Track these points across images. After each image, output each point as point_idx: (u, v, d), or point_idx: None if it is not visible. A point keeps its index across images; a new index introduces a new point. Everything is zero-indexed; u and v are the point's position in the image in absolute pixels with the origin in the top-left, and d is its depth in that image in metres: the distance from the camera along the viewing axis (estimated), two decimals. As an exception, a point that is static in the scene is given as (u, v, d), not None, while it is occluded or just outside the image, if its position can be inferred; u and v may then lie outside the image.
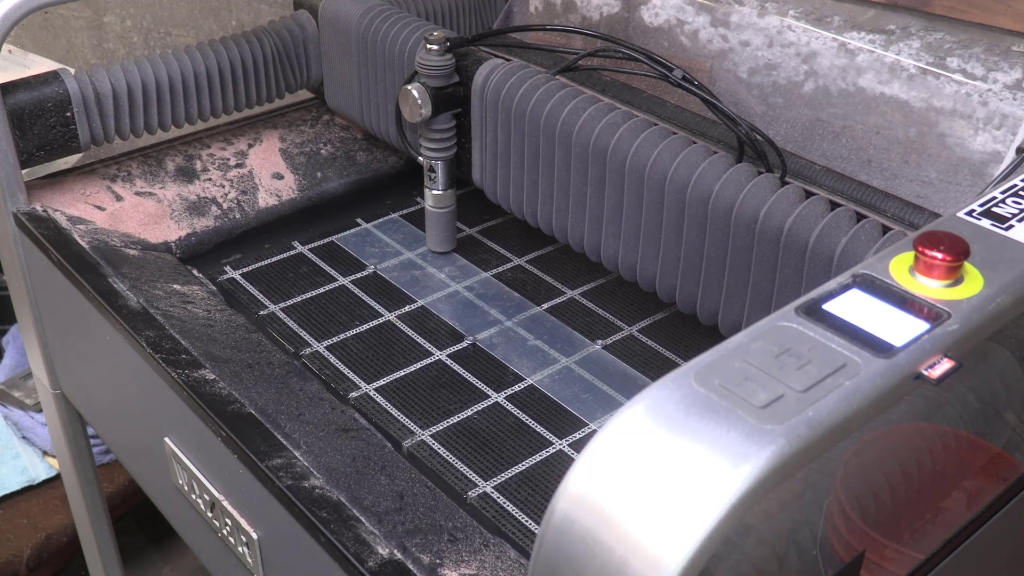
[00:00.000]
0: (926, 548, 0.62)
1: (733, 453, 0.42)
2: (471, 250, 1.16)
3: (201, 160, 1.21)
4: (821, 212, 0.82)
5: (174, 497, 0.98)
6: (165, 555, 1.79)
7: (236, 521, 0.86)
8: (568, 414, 0.93)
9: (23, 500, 1.58)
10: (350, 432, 0.84)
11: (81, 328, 1.07)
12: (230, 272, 1.12)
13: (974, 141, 0.90)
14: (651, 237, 0.93)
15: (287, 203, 1.20)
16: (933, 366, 0.48)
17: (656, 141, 0.91)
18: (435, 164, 1.10)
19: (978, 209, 0.58)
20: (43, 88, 1.07)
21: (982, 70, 0.90)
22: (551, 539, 0.44)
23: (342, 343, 1.01)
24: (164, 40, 2.14)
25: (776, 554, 0.49)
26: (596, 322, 1.05)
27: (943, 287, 0.52)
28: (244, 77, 1.20)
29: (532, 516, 0.83)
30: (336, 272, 1.12)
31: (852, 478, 0.52)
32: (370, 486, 0.78)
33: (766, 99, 1.04)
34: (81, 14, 2.24)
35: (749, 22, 1.05)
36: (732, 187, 0.86)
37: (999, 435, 0.66)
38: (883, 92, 0.95)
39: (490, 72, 1.03)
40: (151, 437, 0.98)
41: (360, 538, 0.73)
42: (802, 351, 0.47)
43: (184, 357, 0.90)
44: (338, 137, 1.29)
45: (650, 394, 0.45)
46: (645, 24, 1.14)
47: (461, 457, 0.88)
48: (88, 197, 1.13)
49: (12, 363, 1.75)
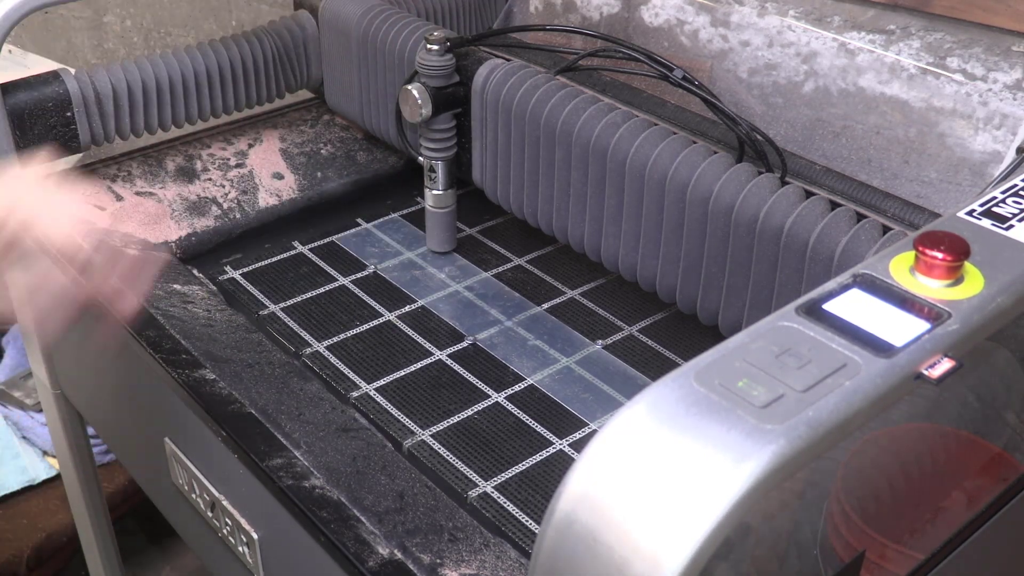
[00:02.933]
0: (926, 548, 0.62)
1: (733, 453, 0.42)
2: (471, 250, 1.16)
3: (201, 160, 1.21)
4: (821, 212, 0.82)
5: (174, 497, 0.98)
6: (165, 555, 1.79)
7: (236, 521, 0.86)
8: (568, 414, 0.93)
9: (23, 500, 1.58)
10: (350, 432, 0.84)
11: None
12: (230, 272, 1.12)
13: (974, 141, 0.90)
14: (651, 237, 0.93)
15: (287, 203, 1.20)
16: (933, 366, 0.48)
17: (656, 141, 0.91)
18: (435, 164, 1.09)
19: (978, 209, 0.58)
20: (43, 88, 1.07)
21: (982, 70, 0.90)
22: (551, 539, 0.44)
23: (342, 343, 1.01)
24: (164, 40, 2.14)
25: (776, 554, 0.49)
26: (596, 322, 1.05)
27: (943, 287, 0.52)
28: (244, 77, 1.20)
29: (532, 516, 0.83)
30: (336, 272, 1.12)
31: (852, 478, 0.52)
32: (370, 486, 0.78)
33: (766, 99, 1.04)
34: (81, 14, 2.24)
35: (749, 22, 1.05)
36: (732, 187, 0.86)
37: (999, 435, 0.66)
38: (883, 92, 0.95)
39: (490, 72, 1.03)
40: (151, 437, 0.98)
41: (360, 538, 0.73)
42: (802, 351, 0.47)
43: (184, 357, 0.90)
44: (338, 137, 1.29)
45: (651, 394, 0.45)
46: (645, 24, 1.14)
47: (461, 457, 0.88)
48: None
49: (12, 363, 1.75)
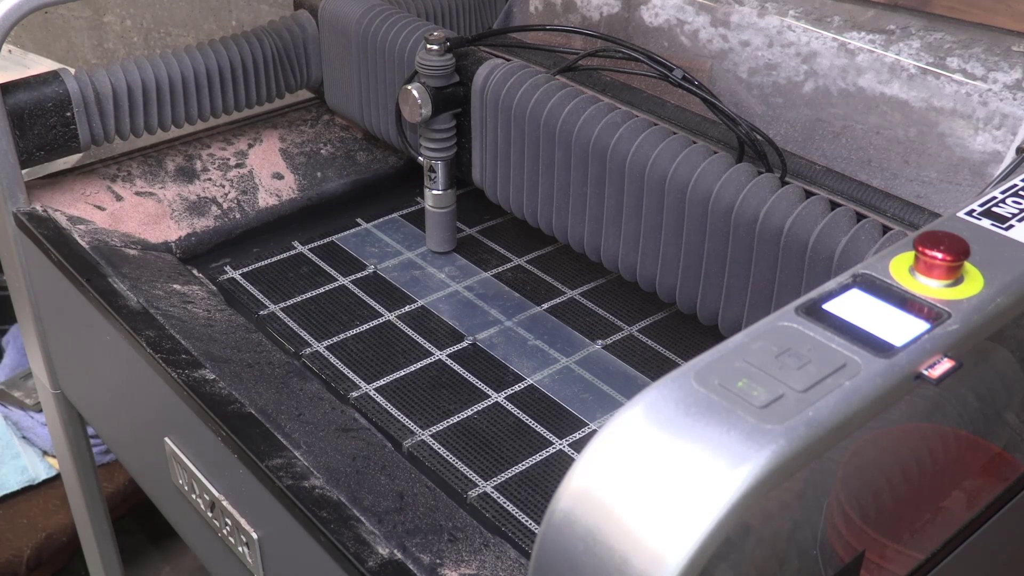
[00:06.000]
0: (926, 548, 0.62)
1: (733, 453, 0.42)
2: (471, 250, 1.16)
3: (201, 160, 1.21)
4: (821, 212, 0.82)
5: (174, 497, 0.98)
6: (165, 555, 1.79)
7: (236, 521, 0.86)
8: (568, 414, 0.93)
9: (23, 500, 1.58)
10: (350, 432, 0.84)
11: (81, 328, 1.06)
12: (230, 272, 1.12)
13: (974, 141, 0.90)
14: (651, 237, 0.93)
15: (287, 203, 1.20)
16: (933, 366, 0.48)
17: (656, 141, 0.91)
18: (435, 164, 1.09)
19: (978, 209, 0.58)
20: (43, 88, 1.07)
21: (982, 70, 0.90)
22: (551, 539, 0.44)
23: (342, 343, 1.01)
24: (164, 40, 2.14)
25: (776, 554, 0.49)
26: (596, 322, 1.05)
27: (943, 287, 0.52)
28: (244, 77, 1.20)
29: (532, 516, 0.83)
30: (336, 272, 1.12)
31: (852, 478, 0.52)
32: (370, 486, 0.78)
33: (766, 99, 1.04)
34: (81, 14, 2.24)
35: (749, 22, 1.05)
36: (732, 187, 0.86)
37: (999, 435, 0.66)
38: (883, 92, 0.95)
39: (490, 72, 1.03)
40: (151, 437, 0.98)
41: (360, 538, 0.73)
42: (802, 351, 0.47)
43: (184, 357, 0.90)
44: (338, 137, 1.29)
45: (650, 394, 0.45)
46: (645, 24, 1.14)
47: (461, 457, 0.88)
48: (88, 197, 1.13)
49: (12, 363, 1.75)
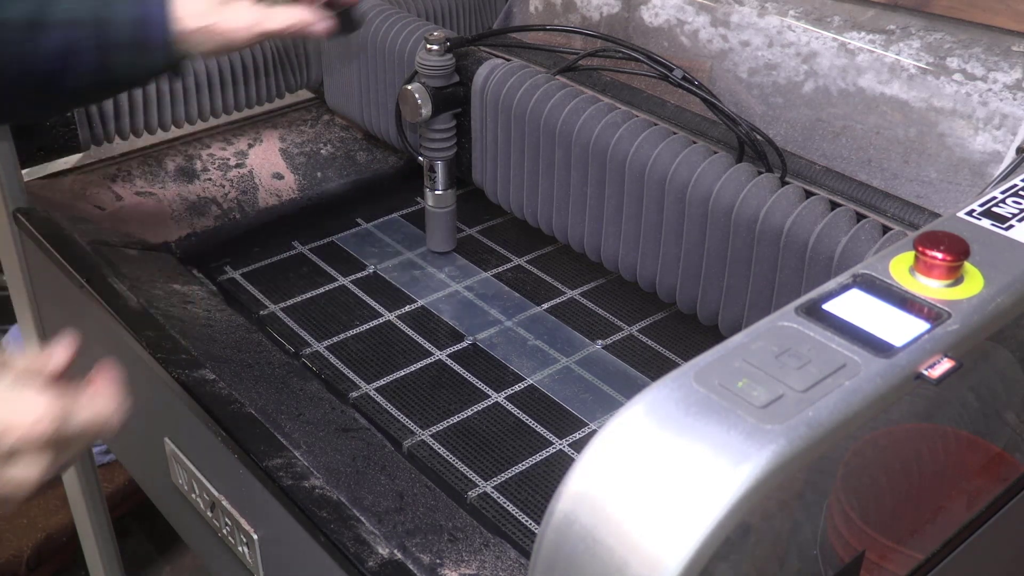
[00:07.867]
0: (926, 548, 0.61)
1: (733, 453, 0.42)
2: (471, 250, 1.16)
3: (201, 160, 1.21)
4: (821, 212, 0.82)
5: (174, 497, 0.98)
6: (165, 555, 1.79)
7: (236, 521, 0.86)
8: (568, 414, 0.93)
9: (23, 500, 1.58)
10: (350, 432, 0.84)
11: (81, 328, 1.06)
12: (230, 272, 1.12)
13: (974, 141, 0.90)
14: (651, 237, 0.93)
15: (287, 203, 1.20)
16: (933, 366, 0.48)
17: (656, 141, 0.91)
18: (435, 164, 1.09)
19: (978, 209, 0.58)
20: (43, 88, 1.07)
21: (982, 70, 0.90)
22: (551, 539, 0.44)
23: (342, 343, 1.01)
24: (164, 40, 2.14)
25: (776, 554, 0.49)
26: (596, 322, 1.05)
27: (943, 287, 0.52)
28: (244, 77, 1.20)
29: (532, 516, 0.82)
30: (336, 272, 1.12)
31: (852, 478, 0.51)
32: (370, 486, 0.78)
33: (766, 99, 1.04)
34: (81, 14, 2.24)
35: (749, 22, 1.05)
36: (732, 187, 0.86)
37: (999, 435, 0.66)
38: (883, 92, 0.95)
39: (490, 72, 1.03)
40: (151, 437, 0.98)
41: (360, 538, 0.73)
42: (802, 351, 0.47)
43: (184, 357, 0.90)
44: (338, 137, 1.29)
45: (650, 394, 0.45)
46: (645, 24, 1.14)
47: (461, 457, 0.88)
48: (88, 197, 1.13)
49: (12, 363, 1.75)
